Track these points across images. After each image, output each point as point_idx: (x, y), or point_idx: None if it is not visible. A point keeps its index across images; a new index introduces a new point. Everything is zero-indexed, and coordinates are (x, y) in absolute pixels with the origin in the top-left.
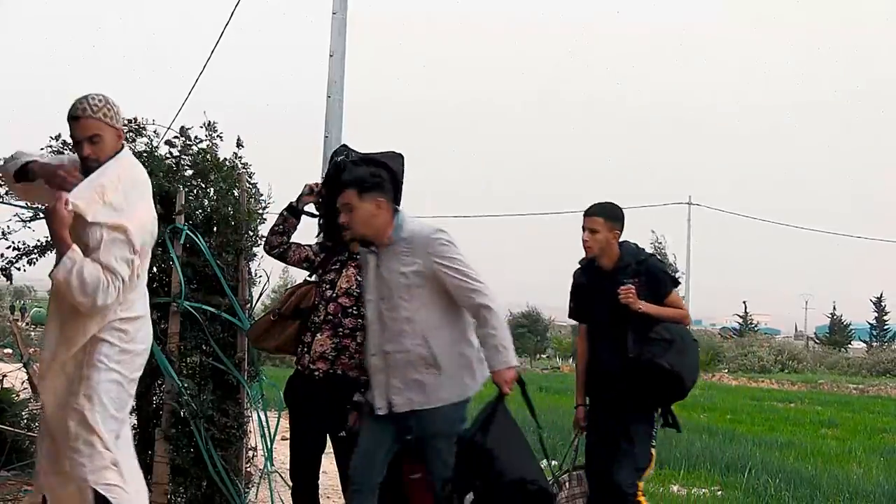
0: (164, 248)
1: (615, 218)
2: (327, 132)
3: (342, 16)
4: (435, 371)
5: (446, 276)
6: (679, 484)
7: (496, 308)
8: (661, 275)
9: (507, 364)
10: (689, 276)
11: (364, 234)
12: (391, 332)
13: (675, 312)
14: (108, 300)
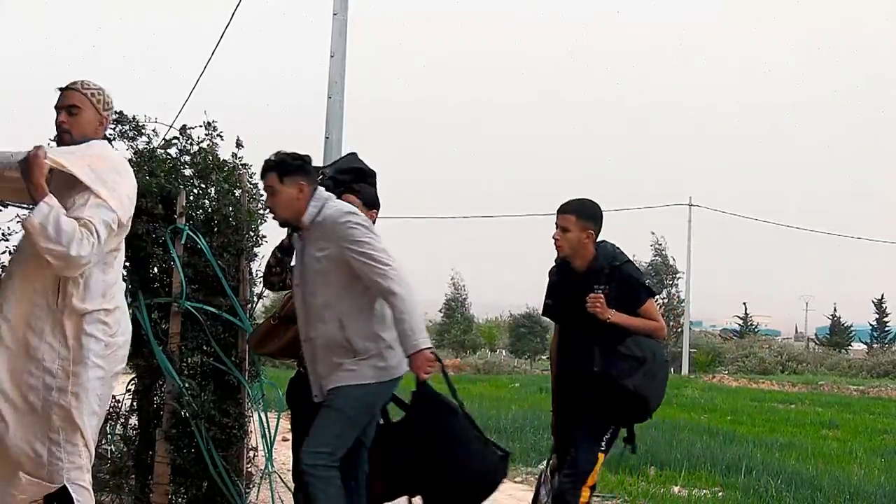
0: (165, 249)
1: (590, 217)
2: (328, 133)
3: (343, 17)
4: (352, 356)
5: (353, 260)
6: (680, 485)
7: (403, 292)
8: (635, 284)
9: (416, 347)
10: (690, 277)
11: (286, 217)
12: (312, 318)
13: (647, 325)
14: (81, 252)
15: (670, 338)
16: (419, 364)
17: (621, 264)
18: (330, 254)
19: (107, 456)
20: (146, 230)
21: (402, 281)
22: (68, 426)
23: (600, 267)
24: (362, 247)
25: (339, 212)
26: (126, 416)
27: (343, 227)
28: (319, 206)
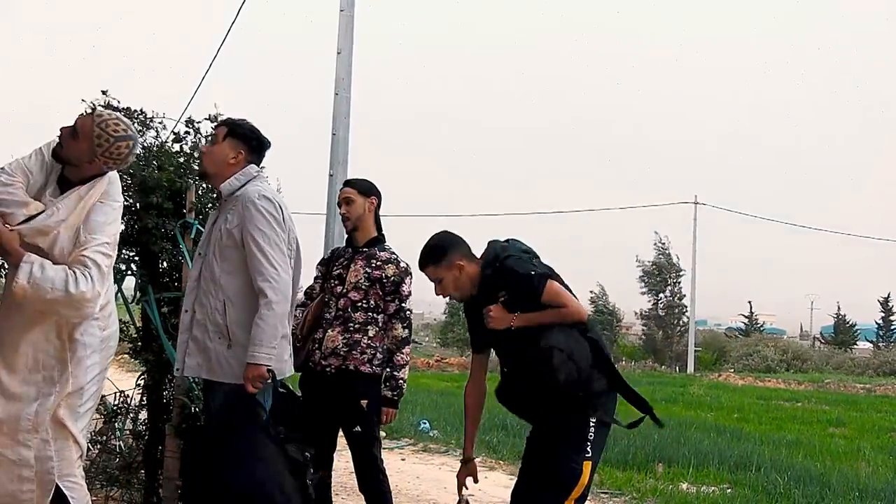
0: (174, 243)
1: (451, 254)
2: (335, 130)
3: (349, 13)
4: (226, 343)
5: (247, 245)
6: (688, 482)
7: (273, 300)
8: (521, 275)
9: (255, 360)
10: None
11: (210, 172)
12: (202, 292)
13: (557, 314)
14: (81, 288)
15: (675, 336)
16: (250, 376)
17: (501, 261)
18: (233, 228)
19: (116, 451)
20: (155, 225)
21: (279, 290)
22: (56, 423)
23: (485, 275)
24: (260, 236)
25: (257, 192)
26: (136, 411)
27: (252, 208)
28: (244, 180)
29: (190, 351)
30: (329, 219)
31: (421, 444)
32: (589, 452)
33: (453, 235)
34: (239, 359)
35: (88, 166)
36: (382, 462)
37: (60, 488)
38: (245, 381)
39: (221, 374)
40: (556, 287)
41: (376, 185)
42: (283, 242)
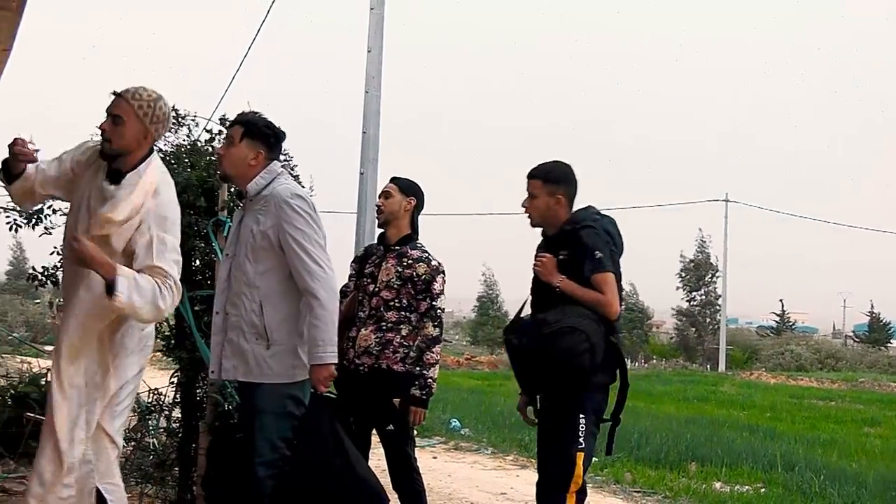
0: (207, 241)
1: (556, 181)
2: (365, 128)
3: (380, 12)
4: (264, 343)
5: (287, 246)
6: (721, 481)
7: (326, 299)
8: (585, 247)
9: (322, 360)
10: (727, 273)
11: (229, 173)
12: (233, 293)
13: (594, 296)
14: (167, 304)
15: (706, 335)
16: (319, 377)
17: (581, 226)
18: (267, 230)
19: (150, 448)
20: (188, 223)
21: (328, 287)
22: (98, 428)
23: (563, 228)
24: (300, 235)
25: (289, 191)
26: (169, 409)
27: (287, 209)
28: (269, 179)
29: (226, 353)
30: (360, 217)
31: (452, 443)
32: (582, 444)
33: (573, 175)
34: (278, 359)
35: (142, 145)
36: (416, 461)
37: (100, 491)
38: (315, 382)
39: (260, 375)
40: (608, 278)
41: (421, 189)
42: (322, 239)
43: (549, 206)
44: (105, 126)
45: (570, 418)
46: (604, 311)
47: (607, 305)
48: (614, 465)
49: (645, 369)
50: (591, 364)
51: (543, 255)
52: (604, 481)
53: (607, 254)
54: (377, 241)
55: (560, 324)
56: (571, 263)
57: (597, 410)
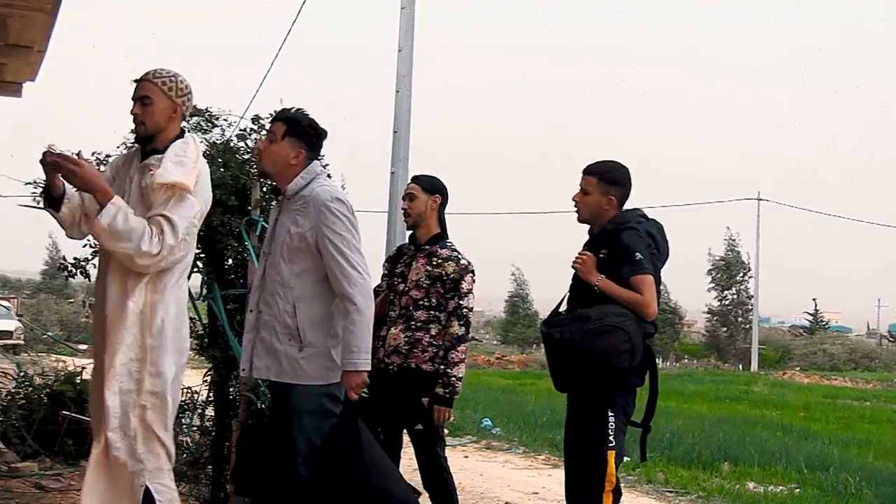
0: (239, 240)
1: (611, 181)
2: (396, 127)
3: (410, 11)
4: (296, 345)
5: (325, 250)
6: (755, 481)
7: (362, 305)
8: (625, 249)
9: (355, 366)
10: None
11: (268, 170)
12: (267, 292)
13: (632, 297)
14: (150, 249)
15: (738, 334)
16: (352, 384)
17: (624, 227)
18: (305, 233)
19: (184, 446)
20: (221, 222)
21: (366, 293)
22: (143, 427)
23: (606, 227)
24: (339, 240)
25: (329, 193)
26: (203, 407)
27: (327, 212)
28: (308, 179)
29: (257, 352)
30: (391, 216)
31: (483, 442)
32: (612, 442)
33: (629, 178)
34: (311, 361)
35: (173, 120)
36: (446, 460)
37: (150, 490)
38: (348, 388)
39: (293, 376)
40: (647, 280)
41: (443, 183)
42: (359, 243)
43: (601, 204)
44: (136, 111)
45: (600, 416)
46: (641, 313)
47: (645, 307)
48: (646, 465)
49: (676, 369)
50: (630, 364)
51: (584, 253)
52: (636, 481)
53: (647, 256)
54: (408, 241)
55: (603, 322)
56: (611, 263)
57: (626, 410)
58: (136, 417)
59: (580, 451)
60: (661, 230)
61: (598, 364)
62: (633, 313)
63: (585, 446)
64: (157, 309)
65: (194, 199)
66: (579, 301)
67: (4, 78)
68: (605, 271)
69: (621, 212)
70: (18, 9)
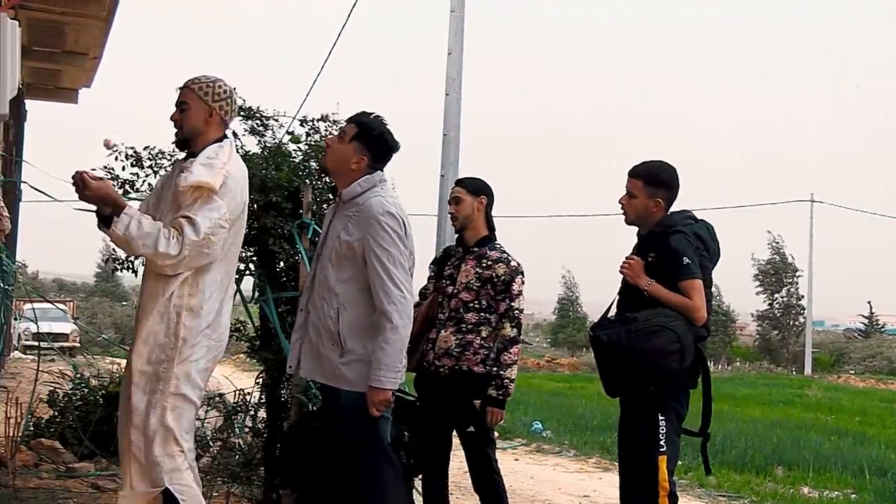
0: (291, 243)
1: (657, 184)
2: (446, 130)
3: (460, 14)
4: (337, 350)
5: (370, 263)
6: (809, 486)
7: (399, 324)
8: (673, 253)
9: (381, 384)
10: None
11: (329, 167)
12: (316, 294)
13: (681, 301)
14: (168, 250)
15: (790, 338)
16: (375, 401)
17: (672, 231)
18: (354, 241)
19: (237, 448)
20: (273, 225)
21: (403, 312)
22: (163, 428)
23: (654, 231)
24: (385, 255)
25: (382, 207)
26: (255, 409)
27: (377, 225)
28: (366, 188)
29: (304, 352)
30: (441, 219)
31: (534, 445)
32: (663, 446)
33: (676, 179)
34: (352, 367)
35: (209, 124)
36: (497, 462)
37: (171, 492)
38: (370, 404)
39: (334, 381)
40: (696, 284)
41: (488, 185)
42: (407, 259)
43: (647, 207)
44: (175, 116)
45: (651, 420)
46: (691, 317)
47: (695, 311)
48: (699, 469)
49: (728, 372)
50: (680, 366)
51: (631, 258)
52: (688, 485)
53: (695, 260)
54: (456, 243)
55: (650, 323)
56: (659, 267)
57: (678, 414)
58: (156, 418)
59: (632, 456)
60: (710, 231)
61: (647, 365)
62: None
63: (637, 451)
64: (191, 310)
65: (221, 201)
66: (628, 305)
67: (61, 84)
68: (653, 275)
69: (669, 214)
70: (74, 16)
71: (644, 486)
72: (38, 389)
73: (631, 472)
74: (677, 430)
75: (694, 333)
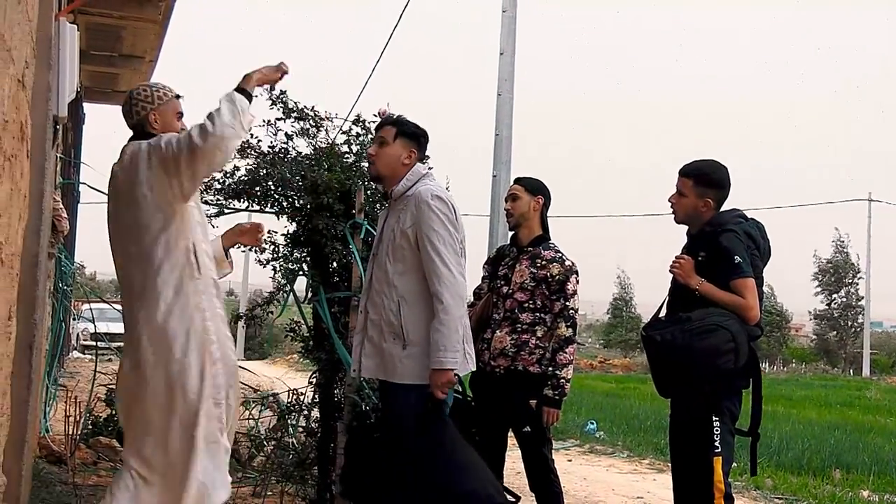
0: (344, 244)
1: (707, 184)
2: (498, 130)
3: (512, 13)
4: (400, 343)
5: (422, 247)
6: (869, 489)
7: (450, 304)
8: (724, 252)
9: (441, 364)
10: (870, 275)
11: (382, 173)
12: (374, 292)
13: (734, 300)
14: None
15: (848, 338)
16: (438, 383)
17: (723, 230)
18: (406, 229)
19: (290, 447)
20: (326, 225)
21: (455, 292)
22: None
23: (704, 230)
24: (434, 237)
25: (430, 192)
26: (308, 409)
27: (426, 208)
28: (414, 180)
29: (366, 352)
30: (493, 219)
31: (587, 446)
32: (718, 448)
33: (727, 178)
34: (415, 359)
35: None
36: (553, 462)
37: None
38: (433, 387)
39: (398, 375)
40: (748, 283)
41: (546, 186)
42: (457, 242)
43: (697, 207)
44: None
45: (705, 421)
46: (744, 316)
47: (748, 310)
48: None
49: (784, 373)
50: (735, 365)
51: (681, 257)
52: (744, 487)
53: (746, 258)
54: (509, 243)
55: (704, 322)
56: (709, 266)
57: (732, 414)
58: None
59: (686, 458)
60: (761, 229)
61: (702, 365)
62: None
63: (691, 453)
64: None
65: None
66: (679, 306)
67: (118, 88)
68: (703, 274)
69: (719, 213)
70: (131, 20)
71: (699, 488)
72: (96, 388)
73: (685, 474)
74: (731, 431)
75: (747, 332)
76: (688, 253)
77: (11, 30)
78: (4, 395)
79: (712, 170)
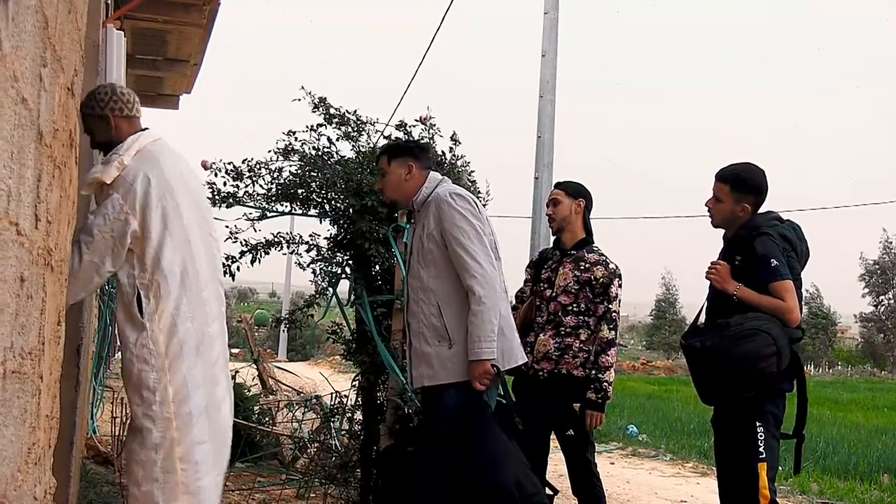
0: (387, 247)
1: (744, 189)
2: (540, 132)
3: (554, 15)
4: (446, 344)
5: (449, 244)
6: None
7: (483, 295)
8: (759, 256)
9: (478, 356)
10: None
11: (394, 198)
12: (412, 302)
13: (772, 303)
14: (73, 266)
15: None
16: (476, 374)
17: (758, 233)
18: (433, 233)
19: (333, 450)
20: (369, 228)
21: (486, 283)
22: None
23: (739, 234)
24: (458, 232)
25: (447, 191)
26: (351, 412)
27: (446, 206)
28: (432, 187)
29: (414, 363)
30: (535, 221)
31: (630, 449)
32: (763, 454)
33: (764, 183)
34: (462, 356)
35: (112, 134)
36: (596, 465)
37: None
38: (472, 379)
39: (447, 375)
40: (787, 286)
41: (587, 189)
42: (483, 234)
43: (734, 212)
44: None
45: (749, 427)
46: (784, 319)
47: (788, 312)
48: (800, 475)
49: (830, 376)
50: (778, 368)
51: (717, 263)
52: (789, 491)
53: (783, 261)
54: (552, 246)
55: (744, 327)
56: (746, 270)
57: (776, 418)
58: None
59: (731, 464)
60: (797, 231)
61: (744, 370)
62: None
63: (736, 459)
64: None
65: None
66: (718, 311)
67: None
68: (740, 279)
69: (754, 216)
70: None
71: (744, 494)
72: None
73: (730, 480)
74: (776, 436)
75: (788, 335)
76: (724, 257)
77: (62, 40)
78: (55, 398)
79: (749, 174)
